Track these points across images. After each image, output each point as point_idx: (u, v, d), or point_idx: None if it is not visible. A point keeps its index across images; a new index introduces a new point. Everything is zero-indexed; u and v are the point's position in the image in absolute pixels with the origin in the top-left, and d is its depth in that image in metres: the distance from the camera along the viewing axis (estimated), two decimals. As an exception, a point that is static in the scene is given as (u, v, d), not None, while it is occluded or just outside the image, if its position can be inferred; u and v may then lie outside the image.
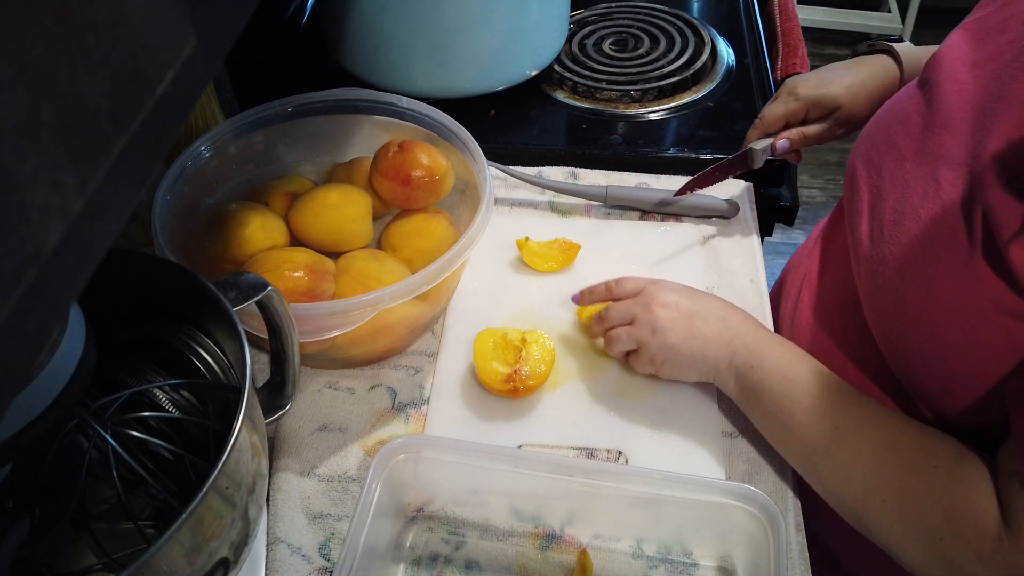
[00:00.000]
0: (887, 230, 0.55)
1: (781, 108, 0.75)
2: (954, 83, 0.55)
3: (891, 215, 0.55)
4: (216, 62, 0.29)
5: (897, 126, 0.59)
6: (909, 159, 0.56)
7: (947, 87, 0.55)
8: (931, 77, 0.58)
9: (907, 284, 0.52)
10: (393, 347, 0.71)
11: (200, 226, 0.66)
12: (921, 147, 0.55)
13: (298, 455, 0.65)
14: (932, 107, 0.56)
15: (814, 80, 0.74)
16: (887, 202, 0.56)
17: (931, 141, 0.54)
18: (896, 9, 2.76)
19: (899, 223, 0.54)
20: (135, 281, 0.51)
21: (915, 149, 0.56)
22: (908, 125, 0.58)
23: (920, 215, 0.52)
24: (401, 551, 0.60)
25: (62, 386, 0.38)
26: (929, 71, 0.59)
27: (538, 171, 0.89)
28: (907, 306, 0.52)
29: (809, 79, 0.74)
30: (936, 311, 0.50)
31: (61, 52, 0.20)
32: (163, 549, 0.38)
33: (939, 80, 0.56)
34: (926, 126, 0.56)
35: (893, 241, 0.54)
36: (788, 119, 0.76)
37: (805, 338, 0.69)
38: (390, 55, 0.88)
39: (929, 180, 0.53)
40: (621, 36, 1.06)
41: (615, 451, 0.65)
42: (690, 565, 0.59)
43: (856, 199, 0.61)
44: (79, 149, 0.21)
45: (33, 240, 0.20)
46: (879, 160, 0.59)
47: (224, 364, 0.54)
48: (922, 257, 0.51)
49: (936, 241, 0.50)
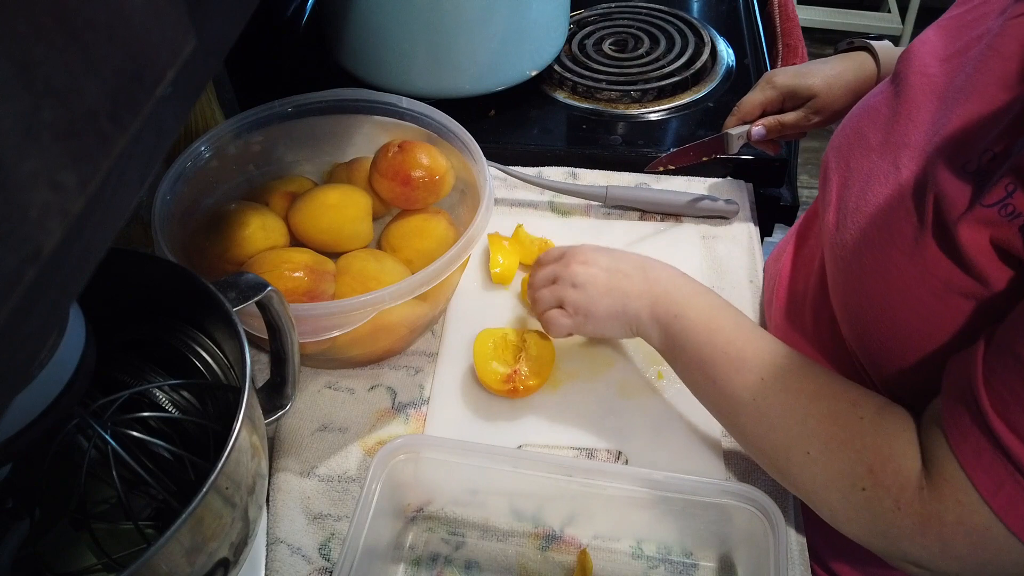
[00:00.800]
0: (850, 216, 0.56)
1: (759, 96, 0.77)
2: (922, 76, 0.56)
3: (855, 201, 0.56)
4: (216, 62, 0.29)
5: (866, 118, 0.60)
6: (875, 149, 0.57)
7: (915, 80, 0.56)
8: (901, 71, 0.59)
9: (865, 267, 0.53)
10: (393, 347, 0.71)
11: (200, 226, 0.66)
12: (887, 137, 0.56)
13: (298, 455, 0.65)
14: (900, 99, 0.57)
15: (792, 71, 0.76)
16: (852, 190, 0.57)
17: (896, 131, 0.55)
18: (896, 9, 2.76)
19: (860, 208, 0.55)
20: (135, 281, 0.51)
21: (881, 139, 0.57)
22: (876, 117, 0.59)
23: (879, 199, 0.53)
24: (401, 551, 0.60)
25: (62, 386, 0.38)
26: (901, 64, 0.59)
27: (538, 171, 0.89)
28: (865, 288, 0.53)
29: (788, 70, 0.76)
30: (891, 292, 0.50)
31: (61, 52, 0.20)
32: (163, 549, 0.38)
33: (908, 73, 0.57)
34: (892, 116, 0.57)
35: (854, 226, 0.55)
36: (765, 108, 0.77)
37: (776, 333, 0.69)
38: (390, 55, 0.88)
39: (891, 166, 0.54)
40: (621, 36, 1.06)
41: (615, 451, 0.65)
42: (690, 565, 0.59)
43: (827, 190, 0.61)
44: (79, 149, 0.21)
45: (33, 240, 0.20)
46: (848, 151, 0.60)
47: (224, 364, 0.54)
48: (877, 239, 0.52)
49: (891, 224, 0.51)
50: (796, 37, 1.02)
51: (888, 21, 2.73)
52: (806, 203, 2.36)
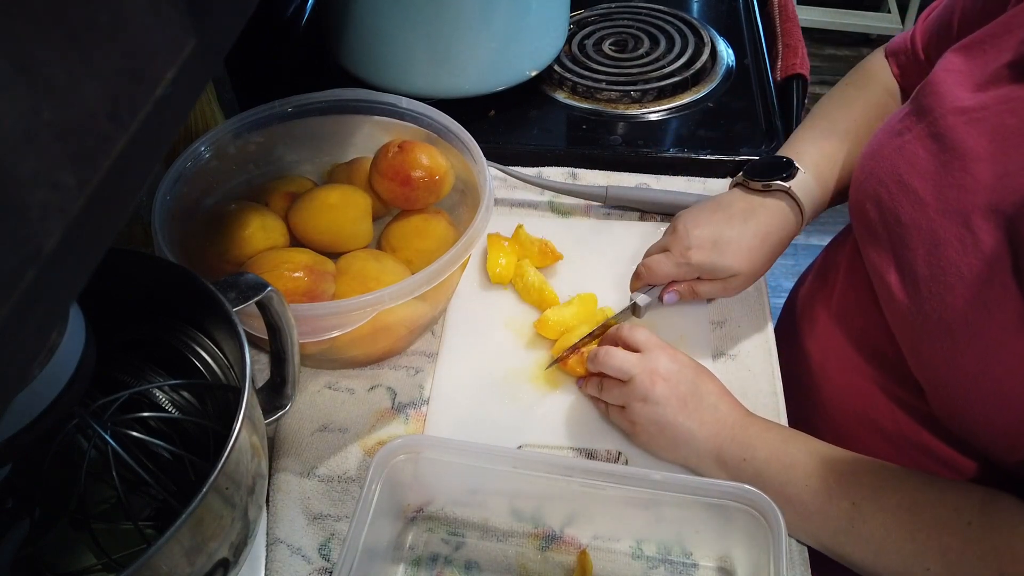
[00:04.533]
0: (923, 284, 0.53)
1: (671, 269, 0.67)
2: (960, 114, 0.53)
3: (925, 268, 0.53)
4: (216, 62, 0.29)
5: (904, 164, 0.57)
6: (931, 204, 0.54)
7: (953, 121, 0.54)
8: (930, 105, 0.56)
9: (959, 344, 0.50)
10: (393, 347, 0.71)
11: (200, 226, 0.66)
12: (940, 190, 0.53)
13: (298, 455, 0.65)
14: (943, 144, 0.54)
15: (708, 243, 0.66)
16: (916, 253, 0.54)
17: (950, 182, 0.53)
18: (896, 9, 2.76)
19: (938, 278, 0.52)
20: (135, 281, 0.51)
21: (934, 192, 0.54)
22: (916, 162, 0.56)
23: (962, 271, 0.50)
24: (401, 551, 0.60)
25: (62, 386, 0.38)
26: (927, 98, 0.57)
27: (538, 171, 0.88)
28: (962, 366, 0.50)
29: (703, 242, 0.66)
30: (998, 371, 0.48)
31: (61, 52, 0.20)
32: (163, 549, 0.38)
33: (943, 111, 0.55)
34: (940, 165, 0.54)
35: (934, 297, 0.52)
36: (676, 280, 0.69)
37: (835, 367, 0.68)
38: (390, 55, 0.88)
39: (962, 229, 0.51)
40: (621, 36, 1.06)
41: (615, 451, 0.65)
42: (690, 565, 0.59)
43: (876, 244, 0.59)
44: (79, 149, 0.21)
45: (33, 240, 0.20)
46: (892, 203, 0.57)
47: (224, 364, 0.54)
48: (973, 317, 0.49)
49: (987, 299, 0.49)
50: (796, 37, 1.02)
51: (888, 21, 2.73)
52: (806, 203, 2.35)
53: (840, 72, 0.93)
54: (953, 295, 0.51)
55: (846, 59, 2.75)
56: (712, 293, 0.70)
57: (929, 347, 0.53)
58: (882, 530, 0.51)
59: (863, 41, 2.80)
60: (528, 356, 0.72)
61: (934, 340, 0.52)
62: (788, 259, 2.13)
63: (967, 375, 0.50)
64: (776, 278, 1.88)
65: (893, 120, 0.61)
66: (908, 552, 0.51)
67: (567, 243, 0.79)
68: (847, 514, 0.53)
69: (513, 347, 0.72)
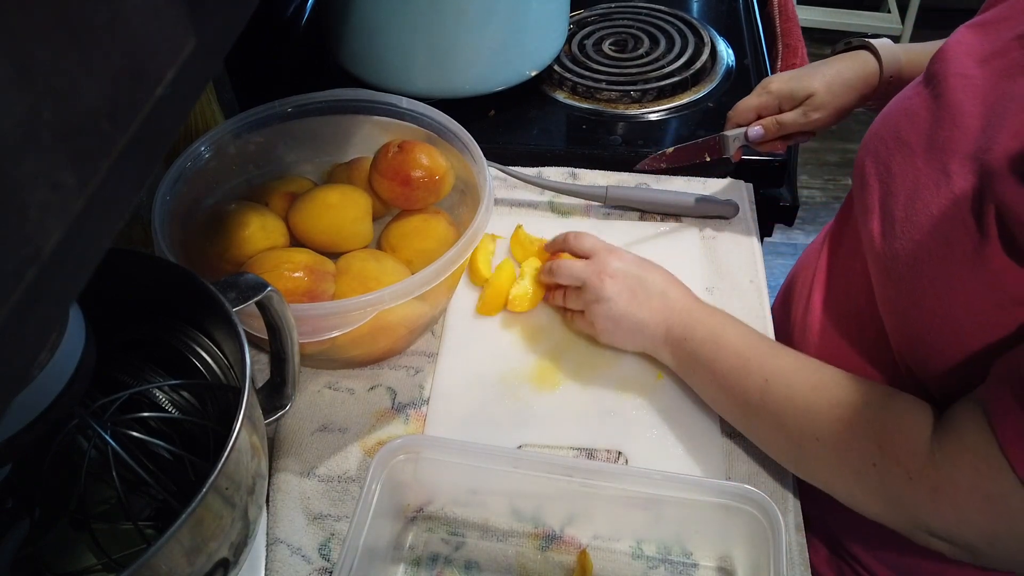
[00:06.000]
0: (899, 225, 0.55)
1: (753, 101, 0.75)
2: (962, 78, 0.55)
3: (902, 210, 0.55)
4: (216, 62, 0.29)
5: (905, 121, 0.59)
6: (919, 154, 0.56)
7: (954, 82, 0.55)
8: (938, 71, 0.58)
9: (921, 279, 0.52)
10: (393, 347, 0.71)
11: (200, 226, 0.66)
12: (931, 141, 0.55)
13: (298, 455, 0.65)
14: (940, 102, 0.56)
15: (788, 75, 0.74)
16: (897, 198, 0.56)
17: (940, 135, 0.55)
18: (896, 9, 2.76)
19: (910, 218, 0.54)
20: (135, 281, 0.51)
21: (925, 144, 0.56)
22: (916, 120, 0.58)
23: (932, 209, 0.53)
24: (401, 551, 0.60)
25: (62, 386, 0.38)
26: (935, 65, 0.59)
27: (538, 171, 0.89)
28: (922, 301, 0.52)
29: (784, 75, 0.75)
30: (952, 304, 0.50)
31: (61, 52, 0.20)
32: (163, 549, 0.38)
33: (946, 75, 0.57)
34: (935, 120, 0.56)
35: (905, 236, 0.54)
36: (760, 112, 0.75)
37: (816, 341, 0.69)
38: (390, 55, 0.88)
39: (940, 173, 0.53)
40: (621, 36, 1.06)
41: (615, 451, 0.65)
42: (690, 565, 0.59)
43: (866, 196, 0.61)
44: (79, 149, 0.21)
45: (33, 240, 0.20)
46: (887, 156, 0.59)
47: (224, 364, 0.54)
48: (935, 251, 0.51)
49: (949, 235, 0.50)
50: (796, 37, 1.02)
51: (888, 21, 2.73)
52: (806, 203, 2.35)
53: (840, 72, 0.92)
54: (921, 232, 0.53)
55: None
56: (795, 122, 0.73)
57: (896, 288, 0.55)
58: (784, 404, 0.56)
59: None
60: (528, 356, 0.72)
61: (901, 279, 0.54)
62: (788, 259, 2.13)
63: (926, 309, 0.52)
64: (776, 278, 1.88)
65: (908, 90, 0.62)
66: (802, 423, 0.55)
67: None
68: (759, 388, 0.57)
69: (513, 347, 0.72)
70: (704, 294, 0.76)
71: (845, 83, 0.73)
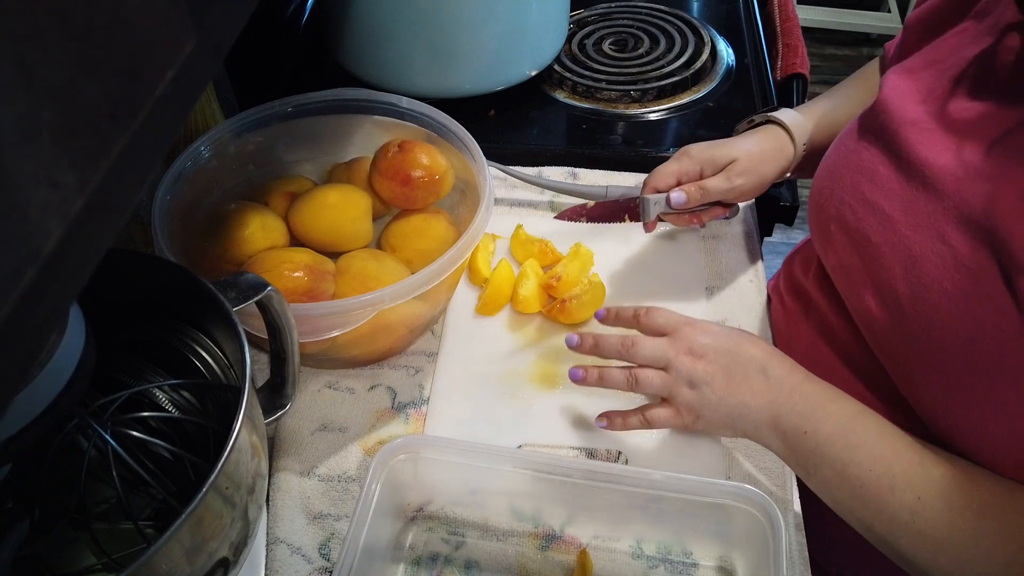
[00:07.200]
0: (907, 304, 0.52)
1: (672, 166, 0.70)
2: (913, 126, 0.54)
3: (905, 287, 0.52)
4: (216, 62, 0.29)
5: (867, 183, 0.57)
6: (900, 221, 0.53)
7: (909, 134, 0.54)
8: (885, 124, 0.56)
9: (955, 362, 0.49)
10: (393, 347, 0.71)
11: (200, 226, 0.66)
12: (908, 207, 0.53)
13: (298, 455, 0.65)
14: (900, 159, 0.54)
15: (706, 144, 0.70)
16: (893, 272, 0.53)
17: (916, 198, 0.53)
18: (896, 9, 2.76)
19: (921, 296, 0.51)
20: (135, 281, 0.51)
21: (901, 209, 0.53)
22: (880, 181, 0.56)
23: (946, 287, 0.50)
24: (401, 551, 0.60)
25: (62, 386, 0.38)
26: (880, 118, 0.57)
27: (538, 171, 0.88)
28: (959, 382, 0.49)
29: (702, 144, 0.71)
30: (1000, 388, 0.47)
31: (61, 52, 0.20)
32: (163, 549, 0.38)
33: (896, 127, 0.55)
34: (904, 182, 0.54)
35: (921, 317, 0.51)
36: (680, 178, 0.69)
37: (805, 350, 0.68)
38: (390, 55, 0.88)
39: (938, 244, 0.50)
40: (621, 36, 1.06)
41: (615, 451, 0.65)
42: (690, 565, 0.59)
43: (844, 266, 0.59)
44: (79, 149, 0.21)
45: (33, 240, 0.20)
46: (858, 223, 0.57)
47: (224, 364, 0.54)
48: (967, 334, 0.48)
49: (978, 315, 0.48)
50: (796, 37, 1.02)
51: (888, 21, 2.73)
52: (806, 203, 2.35)
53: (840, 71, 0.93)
54: (941, 314, 0.50)
55: (846, 59, 2.75)
56: (718, 189, 0.68)
57: (921, 369, 0.52)
58: (945, 530, 0.48)
59: (863, 41, 2.80)
60: (528, 356, 0.72)
61: (926, 362, 0.51)
62: (788, 259, 2.13)
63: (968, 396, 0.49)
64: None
65: (850, 142, 0.60)
66: (970, 557, 0.48)
67: (567, 243, 0.79)
68: (910, 507, 0.49)
69: (513, 347, 0.72)
70: (704, 294, 0.76)
71: (764, 153, 0.70)
